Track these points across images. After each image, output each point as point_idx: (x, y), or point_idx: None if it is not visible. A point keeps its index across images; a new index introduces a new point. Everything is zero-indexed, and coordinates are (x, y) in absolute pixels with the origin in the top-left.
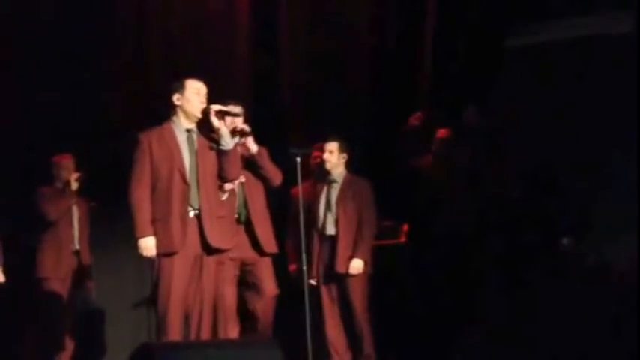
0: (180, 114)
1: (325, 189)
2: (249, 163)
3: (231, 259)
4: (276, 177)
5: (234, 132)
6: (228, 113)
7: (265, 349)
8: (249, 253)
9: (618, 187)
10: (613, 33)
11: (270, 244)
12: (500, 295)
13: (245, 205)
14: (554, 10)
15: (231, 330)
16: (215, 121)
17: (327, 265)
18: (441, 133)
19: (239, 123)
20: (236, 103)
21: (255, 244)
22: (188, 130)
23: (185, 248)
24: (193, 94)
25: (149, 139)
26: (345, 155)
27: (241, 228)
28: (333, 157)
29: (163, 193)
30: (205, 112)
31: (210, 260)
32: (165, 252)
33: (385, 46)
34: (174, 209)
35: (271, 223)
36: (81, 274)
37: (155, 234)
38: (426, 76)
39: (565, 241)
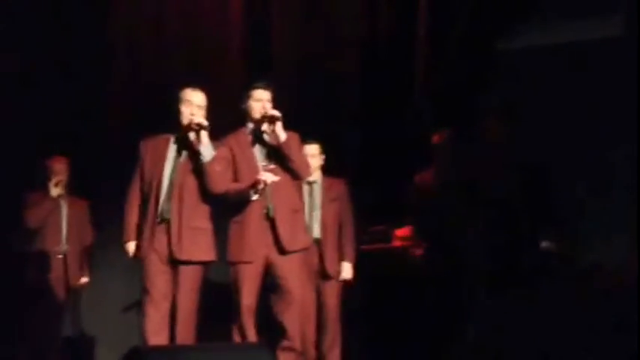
0: (181, 122)
1: (307, 191)
2: (277, 154)
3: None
4: (303, 170)
5: (263, 118)
6: (202, 127)
7: (255, 352)
8: (272, 252)
9: (609, 189)
10: (602, 37)
11: (292, 242)
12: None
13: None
14: (543, 14)
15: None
16: (192, 135)
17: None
18: (436, 138)
19: (269, 108)
20: (265, 87)
21: (278, 241)
22: (179, 140)
23: (155, 255)
24: (185, 106)
25: (145, 147)
26: (323, 157)
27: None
28: (315, 159)
29: (146, 201)
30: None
31: (182, 268)
32: (138, 256)
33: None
34: (149, 217)
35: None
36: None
37: (143, 236)
38: (418, 78)
39: (545, 243)
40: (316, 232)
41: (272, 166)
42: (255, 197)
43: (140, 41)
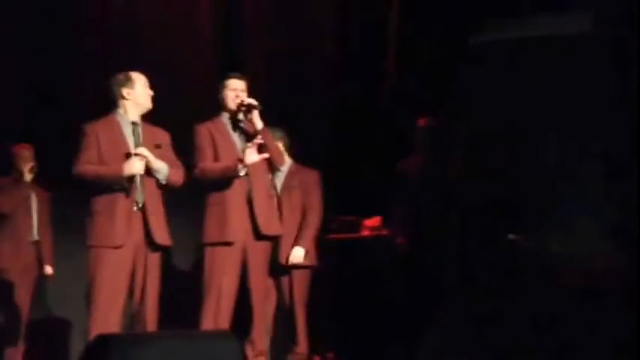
0: (128, 107)
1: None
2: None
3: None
4: (279, 159)
5: (240, 107)
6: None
7: (222, 340)
8: (249, 238)
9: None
10: (573, 32)
11: (268, 226)
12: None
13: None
14: (516, 8)
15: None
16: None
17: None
18: (421, 121)
19: (244, 97)
20: (240, 77)
21: (255, 225)
22: (134, 123)
23: (128, 242)
24: (143, 87)
25: (95, 130)
26: (285, 142)
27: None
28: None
29: (107, 188)
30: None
31: (154, 255)
32: (109, 245)
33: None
34: (119, 203)
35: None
36: (40, 265)
37: (98, 227)
38: (390, 73)
39: (512, 236)
40: None
41: (258, 141)
42: (242, 173)
43: (109, 26)
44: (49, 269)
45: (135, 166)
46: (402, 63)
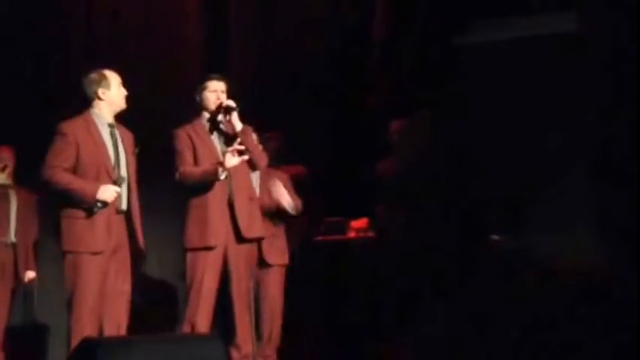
0: (103, 106)
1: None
2: (234, 143)
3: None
4: (260, 159)
5: (219, 108)
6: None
7: (207, 343)
8: (230, 241)
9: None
10: (557, 33)
11: (249, 229)
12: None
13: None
14: (500, 9)
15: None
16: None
17: None
18: (395, 125)
19: (224, 99)
20: (220, 78)
21: (236, 228)
22: (110, 125)
23: (107, 247)
24: (118, 87)
25: (73, 130)
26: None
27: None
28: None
29: None
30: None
31: (129, 258)
32: (90, 251)
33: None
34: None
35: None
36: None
37: (78, 231)
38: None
39: (494, 237)
40: None
41: (237, 147)
42: (223, 177)
43: (95, 28)
44: (30, 274)
45: (111, 194)
46: (387, 62)
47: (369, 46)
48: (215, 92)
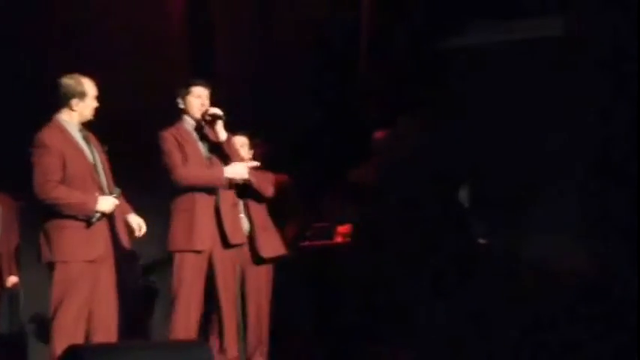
0: (74, 116)
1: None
2: (218, 150)
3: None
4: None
5: (204, 115)
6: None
7: (195, 349)
8: (216, 246)
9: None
10: (547, 36)
11: (234, 235)
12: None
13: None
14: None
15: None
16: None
17: None
18: (379, 134)
19: (209, 107)
20: (204, 84)
21: (222, 234)
22: (80, 130)
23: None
24: (92, 100)
25: (53, 140)
26: (252, 151)
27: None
28: (243, 149)
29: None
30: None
31: (112, 264)
32: (85, 259)
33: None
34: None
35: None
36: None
37: (73, 241)
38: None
39: (482, 240)
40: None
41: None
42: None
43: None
44: (12, 279)
45: (110, 205)
46: (374, 65)
47: (356, 51)
48: (199, 98)
